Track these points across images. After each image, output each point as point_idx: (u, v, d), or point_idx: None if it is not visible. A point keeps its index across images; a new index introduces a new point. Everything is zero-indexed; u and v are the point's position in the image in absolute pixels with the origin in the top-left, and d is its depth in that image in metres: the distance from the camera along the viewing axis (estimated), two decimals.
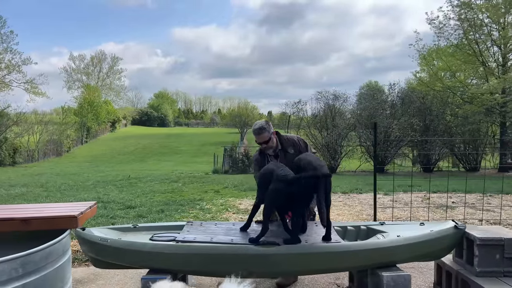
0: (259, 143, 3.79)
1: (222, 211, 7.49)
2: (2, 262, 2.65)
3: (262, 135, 3.71)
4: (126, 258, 3.08)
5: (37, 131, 37.95)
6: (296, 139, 3.91)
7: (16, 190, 11.51)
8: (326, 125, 22.06)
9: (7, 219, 3.33)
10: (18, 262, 2.77)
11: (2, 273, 2.67)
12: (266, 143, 3.74)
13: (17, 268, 2.76)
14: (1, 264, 2.65)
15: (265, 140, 3.72)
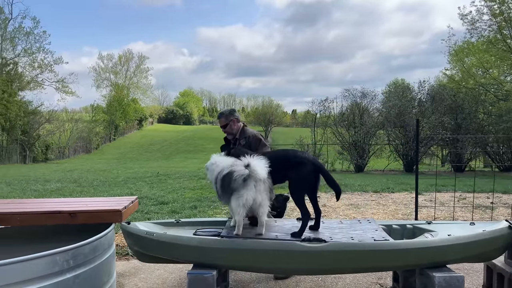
0: (221, 127, 4.31)
1: None
2: (55, 254, 2.72)
3: (220, 119, 4.30)
4: (171, 252, 3.10)
5: (68, 128, 39.04)
6: (251, 135, 4.21)
7: (52, 186, 11.86)
8: (353, 123, 21.73)
9: (55, 212, 3.42)
10: (69, 254, 2.83)
11: (55, 264, 2.74)
12: (224, 127, 4.25)
13: (68, 259, 2.82)
14: (54, 255, 2.71)
15: (222, 124, 4.27)
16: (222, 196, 3.22)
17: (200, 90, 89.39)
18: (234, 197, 3.08)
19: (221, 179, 3.18)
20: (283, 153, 3.55)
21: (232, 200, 3.09)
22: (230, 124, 4.22)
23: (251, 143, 4.10)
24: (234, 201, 3.07)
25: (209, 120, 78.55)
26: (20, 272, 2.53)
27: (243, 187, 3.06)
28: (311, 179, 3.24)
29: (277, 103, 61.89)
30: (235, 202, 3.07)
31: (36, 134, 32.07)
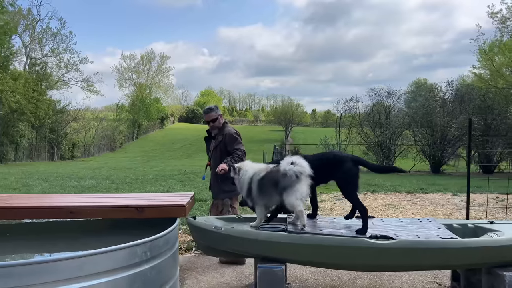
0: (207, 121, 4.49)
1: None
2: (136, 245, 2.84)
3: (210, 113, 4.47)
4: (240, 246, 3.20)
5: (93, 127, 39.86)
6: (228, 133, 4.44)
7: (87, 182, 12.18)
8: (379, 123, 21.56)
9: (123, 206, 3.56)
10: (147, 245, 2.95)
11: (135, 255, 2.86)
12: (213, 122, 4.46)
13: (146, 251, 2.94)
14: (135, 247, 2.83)
15: (211, 118, 4.45)
16: (258, 198, 3.32)
17: (220, 90, 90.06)
18: (289, 193, 3.18)
19: (258, 181, 3.30)
20: (324, 155, 3.69)
21: (289, 196, 3.19)
22: (218, 118, 4.50)
23: (226, 141, 4.39)
24: (291, 196, 3.18)
25: (229, 119, 78.92)
26: (107, 261, 2.66)
27: (297, 182, 3.18)
28: (356, 175, 3.38)
29: (297, 103, 61.75)
30: (293, 197, 3.18)
31: (64, 132, 32.89)
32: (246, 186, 3.40)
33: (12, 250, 3.35)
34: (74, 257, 2.53)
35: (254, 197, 3.36)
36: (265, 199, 3.34)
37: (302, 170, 3.21)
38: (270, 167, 3.45)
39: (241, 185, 3.44)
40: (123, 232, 3.80)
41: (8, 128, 26.86)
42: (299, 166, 3.22)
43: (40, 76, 31.45)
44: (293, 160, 3.27)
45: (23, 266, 2.40)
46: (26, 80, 27.43)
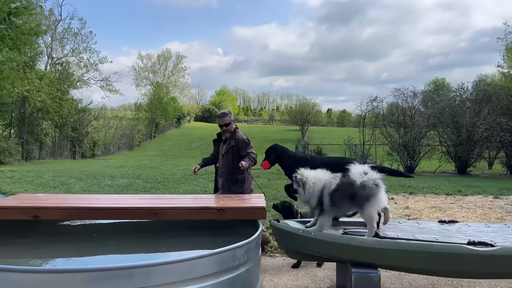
0: (221, 125, 4.73)
1: None
2: (236, 248, 2.85)
3: (224, 118, 4.74)
4: (330, 250, 3.19)
5: (112, 126, 40.31)
6: (240, 138, 4.70)
7: (120, 181, 12.31)
8: (404, 123, 21.32)
9: (206, 208, 3.57)
10: (245, 248, 2.96)
11: (235, 258, 2.87)
12: (226, 126, 4.70)
13: (244, 254, 2.95)
14: (235, 249, 2.85)
15: (225, 123, 4.70)
16: (330, 209, 3.28)
17: (235, 89, 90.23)
18: (369, 204, 3.15)
19: (331, 194, 3.27)
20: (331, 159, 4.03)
21: (369, 208, 3.16)
22: (231, 123, 4.74)
23: (240, 145, 4.64)
24: (371, 208, 3.16)
25: (244, 119, 79.06)
26: (213, 264, 2.68)
27: (377, 193, 3.15)
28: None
29: (313, 102, 61.52)
30: (372, 208, 3.16)
31: (85, 131, 33.33)
32: (316, 199, 3.34)
33: (109, 250, 3.40)
34: (187, 259, 2.54)
35: (326, 209, 3.31)
36: (337, 210, 3.32)
37: (379, 180, 3.17)
38: (338, 176, 3.37)
39: (308, 197, 3.37)
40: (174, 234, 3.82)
41: (33, 127, 27.33)
42: (374, 176, 3.17)
43: (62, 76, 31.90)
44: (365, 170, 3.22)
45: (139, 269, 2.43)
46: (51, 79, 27.86)
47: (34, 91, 23.91)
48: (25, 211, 3.50)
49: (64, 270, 2.43)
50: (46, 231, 3.67)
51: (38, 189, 9.92)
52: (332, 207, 3.26)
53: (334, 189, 3.24)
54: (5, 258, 3.17)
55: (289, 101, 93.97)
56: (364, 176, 3.12)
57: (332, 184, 3.26)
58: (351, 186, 3.16)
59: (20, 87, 20.53)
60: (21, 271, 2.42)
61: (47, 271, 2.42)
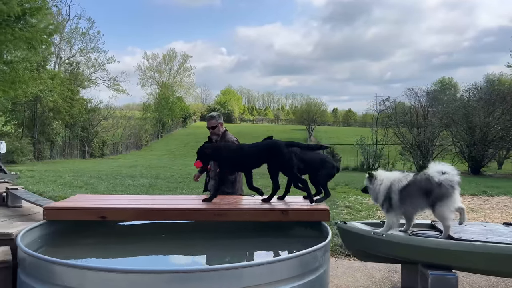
0: (208, 127, 4.73)
1: (372, 210, 7.50)
2: (316, 250, 2.87)
3: (211, 121, 4.73)
4: (401, 252, 3.21)
5: (121, 125, 40.41)
6: (230, 140, 4.67)
7: (141, 181, 12.35)
8: (417, 123, 21.30)
9: (270, 209, 3.60)
10: (323, 249, 2.99)
11: (316, 259, 2.90)
12: (213, 128, 4.70)
13: (322, 255, 2.98)
14: (316, 251, 2.87)
15: (212, 125, 4.70)
16: (399, 207, 3.31)
17: (239, 89, 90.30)
18: (443, 204, 3.15)
19: (400, 191, 3.29)
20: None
21: (443, 207, 3.16)
22: (219, 126, 4.73)
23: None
24: (445, 207, 3.16)
25: (249, 118, 79.07)
26: (297, 266, 2.70)
27: (452, 192, 3.15)
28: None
29: (320, 102, 61.49)
30: (447, 208, 3.15)
31: (95, 130, 33.43)
32: (382, 196, 3.37)
33: (181, 250, 3.43)
34: (275, 261, 2.57)
35: (394, 206, 3.33)
36: (407, 208, 3.33)
37: (455, 179, 3.18)
38: (410, 175, 3.40)
39: (375, 193, 3.41)
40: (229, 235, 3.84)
41: (44, 126, 27.44)
42: (451, 175, 3.19)
43: (72, 76, 32.03)
44: (443, 169, 3.24)
45: (230, 270, 2.45)
46: (62, 79, 27.97)
47: (47, 91, 24.02)
48: (93, 212, 3.54)
49: (154, 271, 2.45)
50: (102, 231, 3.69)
51: (64, 189, 9.97)
52: (401, 205, 3.27)
53: (405, 187, 3.25)
54: (76, 258, 3.21)
55: (294, 100, 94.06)
56: (441, 176, 3.13)
57: (402, 181, 3.28)
58: (426, 185, 3.18)
59: (34, 87, 20.60)
60: (112, 271, 2.46)
61: (138, 271, 2.43)
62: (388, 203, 3.30)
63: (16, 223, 3.63)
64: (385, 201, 3.31)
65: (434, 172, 3.23)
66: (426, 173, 3.26)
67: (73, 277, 2.45)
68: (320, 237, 3.66)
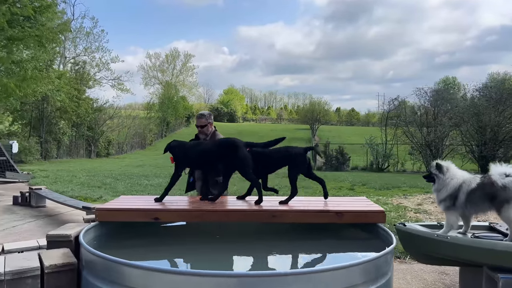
0: (197, 125, 4.64)
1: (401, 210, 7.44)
2: (387, 253, 2.82)
3: (201, 119, 4.63)
4: (466, 255, 3.15)
5: (126, 125, 40.35)
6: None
7: (156, 181, 12.29)
8: (427, 123, 21.24)
9: (324, 211, 3.54)
10: (391, 253, 2.95)
11: (386, 263, 2.85)
12: (202, 127, 4.61)
13: (388, 260, 2.93)
14: (386, 255, 2.82)
15: (201, 124, 4.61)
16: (463, 207, 3.25)
17: (242, 88, 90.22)
18: (510, 206, 3.08)
19: (469, 192, 3.22)
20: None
21: (509, 210, 3.09)
22: (208, 126, 4.64)
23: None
24: (511, 210, 3.09)
25: (252, 118, 78.99)
26: (373, 270, 2.65)
27: None
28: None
29: (324, 101, 61.41)
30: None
31: (101, 130, 33.38)
32: (449, 191, 3.29)
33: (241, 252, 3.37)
34: (351, 265, 2.50)
35: (457, 206, 3.27)
36: (470, 210, 3.28)
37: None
38: (478, 177, 3.34)
39: (442, 185, 3.32)
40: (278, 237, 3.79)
41: (51, 126, 27.38)
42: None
43: (78, 75, 31.99)
44: (506, 171, 3.18)
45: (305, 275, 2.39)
46: (69, 79, 27.92)
47: (54, 90, 23.96)
48: (146, 213, 3.49)
49: (226, 274, 2.40)
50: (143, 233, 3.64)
51: (84, 188, 9.93)
52: (466, 206, 3.22)
53: (474, 189, 3.19)
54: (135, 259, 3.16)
55: (296, 100, 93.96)
56: (506, 178, 3.07)
57: (472, 183, 3.22)
58: (491, 188, 3.12)
59: (43, 86, 20.53)
60: (182, 274, 2.41)
61: (210, 274, 2.37)
62: (451, 201, 3.23)
63: (70, 225, 3.57)
64: (449, 198, 3.24)
65: (497, 174, 3.17)
66: (490, 176, 3.20)
67: (142, 278, 2.41)
68: (371, 238, 3.63)
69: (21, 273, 2.66)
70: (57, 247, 3.14)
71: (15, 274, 2.65)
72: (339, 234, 3.72)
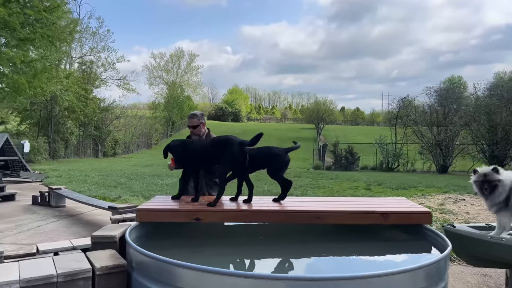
0: (189, 126, 4.51)
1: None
2: (446, 256, 2.74)
3: (192, 119, 4.50)
4: None
5: (132, 125, 40.37)
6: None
7: (169, 181, 12.22)
8: (437, 122, 21.10)
9: (370, 212, 3.46)
10: (448, 256, 2.86)
11: (446, 266, 2.77)
12: (194, 128, 4.47)
13: (447, 262, 2.85)
14: (445, 258, 2.74)
15: (193, 124, 4.47)
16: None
17: (246, 87, 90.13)
18: None
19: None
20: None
21: None
22: (200, 126, 4.49)
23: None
24: None
25: (257, 117, 78.89)
26: (437, 273, 2.57)
27: None
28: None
29: (330, 100, 61.29)
30: None
31: (108, 130, 33.39)
32: (507, 192, 3.23)
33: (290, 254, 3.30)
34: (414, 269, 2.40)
35: (510, 206, 3.20)
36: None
37: None
38: None
39: (503, 188, 3.26)
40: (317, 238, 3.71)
41: (58, 126, 27.40)
42: None
43: (86, 75, 32.02)
44: None
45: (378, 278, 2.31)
46: (76, 79, 27.96)
47: (63, 90, 23.97)
48: (187, 213, 3.44)
49: (283, 277, 2.33)
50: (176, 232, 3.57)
51: (100, 188, 9.88)
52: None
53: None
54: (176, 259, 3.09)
55: (300, 99, 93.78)
56: None
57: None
58: None
59: (52, 85, 20.54)
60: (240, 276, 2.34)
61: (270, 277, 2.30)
62: (504, 202, 3.16)
63: (111, 225, 3.51)
64: (503, 200, 3.17)
65: None
66: None
67: (196, 280, 2.36)
68: (413, 240, 3.56)
69: (73, 275, 2.60)
70: (101, 248, 3.08)
71: (67, 276, 2.59)
72: (376, 236, 3.64)
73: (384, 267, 3.02)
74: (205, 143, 3.76)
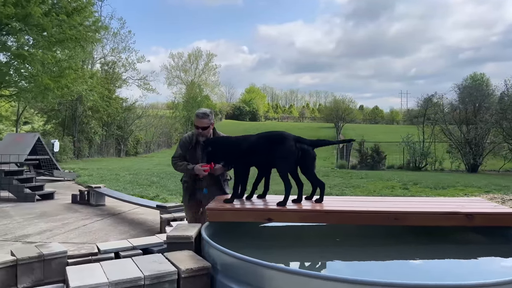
0: (198, 126, 3.93)
1: None
2: None
3: (204, 119, 3.92)
4: None
5: (153, 124, 40.70)
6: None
7: None
8: (466, 120, 20.56)
9: (453, 213, 3.26)
10: None
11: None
12: (204, 129, 3.92)
13: None
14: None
15: (204, 125, 3.92)
16: None
17: (263, 87, 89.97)
18: None
19: None
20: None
21: None
22: (209, 128, 3.98)
23: None
24: None
25: (274, 116, 78.70)
26: None
27: None
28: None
29: (349, 99, 60.67)
30: None
31: (130, 129, 33.70)
32: None
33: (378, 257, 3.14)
34: None
35: None
36: None
37: None
38: None
39: None
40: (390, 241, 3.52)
41: (82, 125, 27.75)
42: None
43: (109, 75, 32.37)
44: None
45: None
46: (100, 79, 28.28)
47: (87, 90, 24.25)
48: (259, 213, 3.32)
49: (398, 284, 2.15)
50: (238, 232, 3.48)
51: (136, 187, 9.87)
52: None
53: None
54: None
55: (318, 98, 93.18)
56: None
57: None
58: None
59: (79, 85, 20.76)
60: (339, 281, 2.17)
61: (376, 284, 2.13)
62: None
63: (183, 225, 3.40)
64: None
65: None
66: None
67: (282, 281, 2.27)
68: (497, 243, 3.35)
69: (159, 277, 2.49)
70: (177, 248, 2.96)
71: (154, 278, 2.48)
72: (452, 238, 3.45)
73: (486, 274, 2.82)
74: (255, 139, 3.58)
